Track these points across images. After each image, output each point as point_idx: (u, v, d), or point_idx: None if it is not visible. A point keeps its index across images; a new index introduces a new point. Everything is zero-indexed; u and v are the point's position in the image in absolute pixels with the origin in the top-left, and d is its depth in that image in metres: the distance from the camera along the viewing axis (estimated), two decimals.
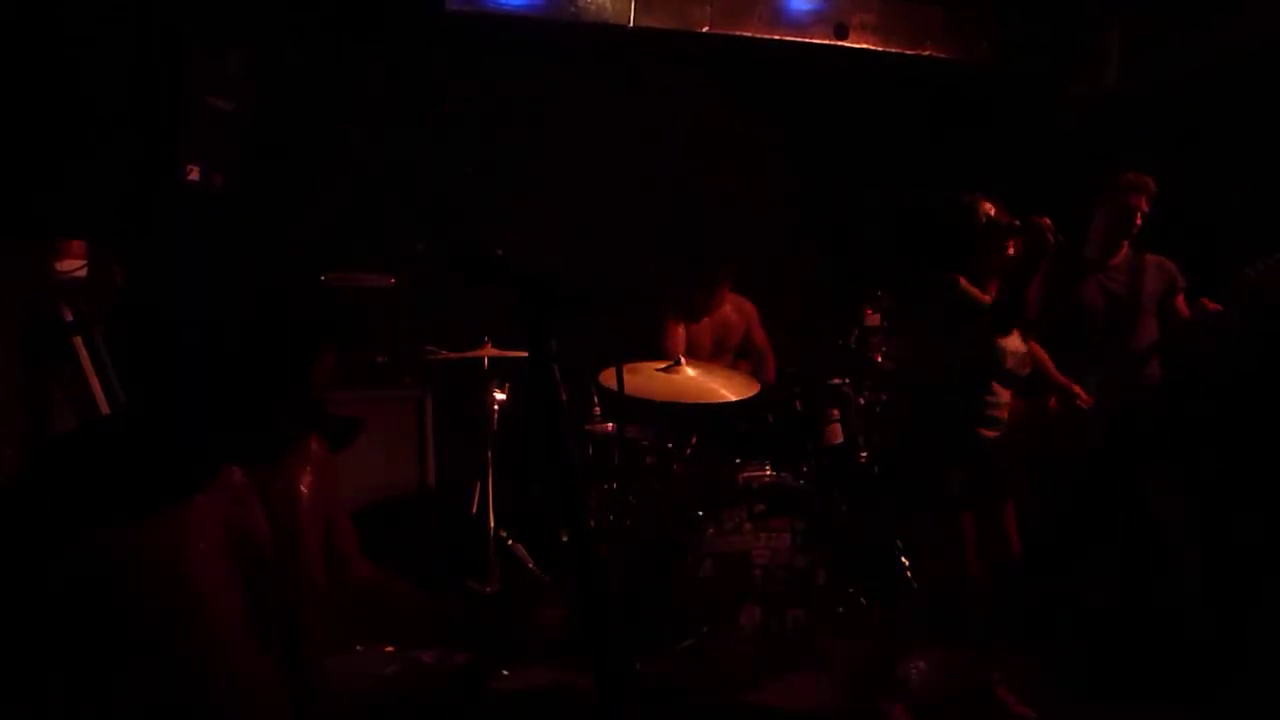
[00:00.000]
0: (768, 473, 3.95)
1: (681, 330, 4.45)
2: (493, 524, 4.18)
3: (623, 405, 3.85)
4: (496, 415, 4.26)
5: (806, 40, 4.98)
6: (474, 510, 4.24)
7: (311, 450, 1.39)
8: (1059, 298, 3.84)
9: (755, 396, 3.88)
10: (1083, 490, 3.84)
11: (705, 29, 4.85)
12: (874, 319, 4.56)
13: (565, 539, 3.96)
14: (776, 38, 4.95)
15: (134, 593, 1.11)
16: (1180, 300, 3.76)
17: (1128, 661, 3.51)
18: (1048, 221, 2.84)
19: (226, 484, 1.23)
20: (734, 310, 4.61)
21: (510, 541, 4.21)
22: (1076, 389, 3.75)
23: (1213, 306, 3.63)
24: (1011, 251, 3.02)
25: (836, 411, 4.32)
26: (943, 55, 5.15)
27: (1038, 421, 3.73)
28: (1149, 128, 4.62)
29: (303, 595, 1.30)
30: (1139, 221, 3.72)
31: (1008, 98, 5.32)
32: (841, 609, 4.01)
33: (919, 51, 5.12)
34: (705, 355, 4.44)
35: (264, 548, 1.25)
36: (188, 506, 1.18)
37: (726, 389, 3.82)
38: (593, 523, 3.78)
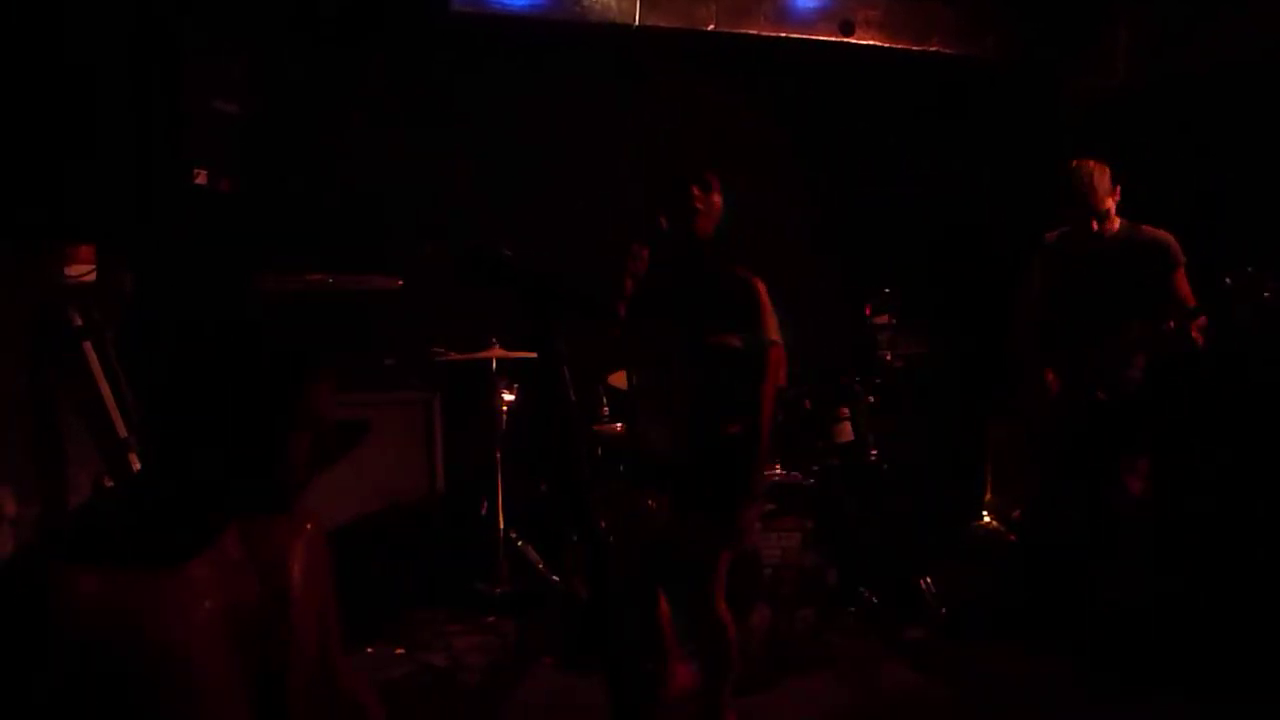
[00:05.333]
0: (778, 472, 3.94)
1: None
2: (502, 525, 4.18)
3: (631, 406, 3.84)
4: (505, 416, 4.26)
5: (812, 37, 4.96)
6: (483, 512, 4.24)
7: (307, 529, 1.39)
8: (1054, 274, 3.80)
9: None
10: (1079, 479, 3.79)
11: (710, 27, 4.83)
12: (882, 317, 4.55)
13: (575, 540, 3.95)
14: (782, 35, 4.94)
15: (129, 659, 1.11)
16: (1178, 276, 3.54)
17: (1139, 657, 3.48)
18: None
19: (222, 555, 1.24)
20: None
21: (520, 543, 4.21)
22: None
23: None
24: None
25: (846, 410, 4.31)
26: (949, 51, 5.12)
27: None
28: (1155, 123, 4.59)
29: (290, 657, 1.29)
30: (1096, 199, 3.59)
31: (1014, 92, 5.29)
32: (852, 609, 4.00)
33: (925, 47, 5.10)
34: None
35: (254, 610, 1.25)
36: (184, 576, 1.18)
37: None
38: (602, 523, 3.76)
